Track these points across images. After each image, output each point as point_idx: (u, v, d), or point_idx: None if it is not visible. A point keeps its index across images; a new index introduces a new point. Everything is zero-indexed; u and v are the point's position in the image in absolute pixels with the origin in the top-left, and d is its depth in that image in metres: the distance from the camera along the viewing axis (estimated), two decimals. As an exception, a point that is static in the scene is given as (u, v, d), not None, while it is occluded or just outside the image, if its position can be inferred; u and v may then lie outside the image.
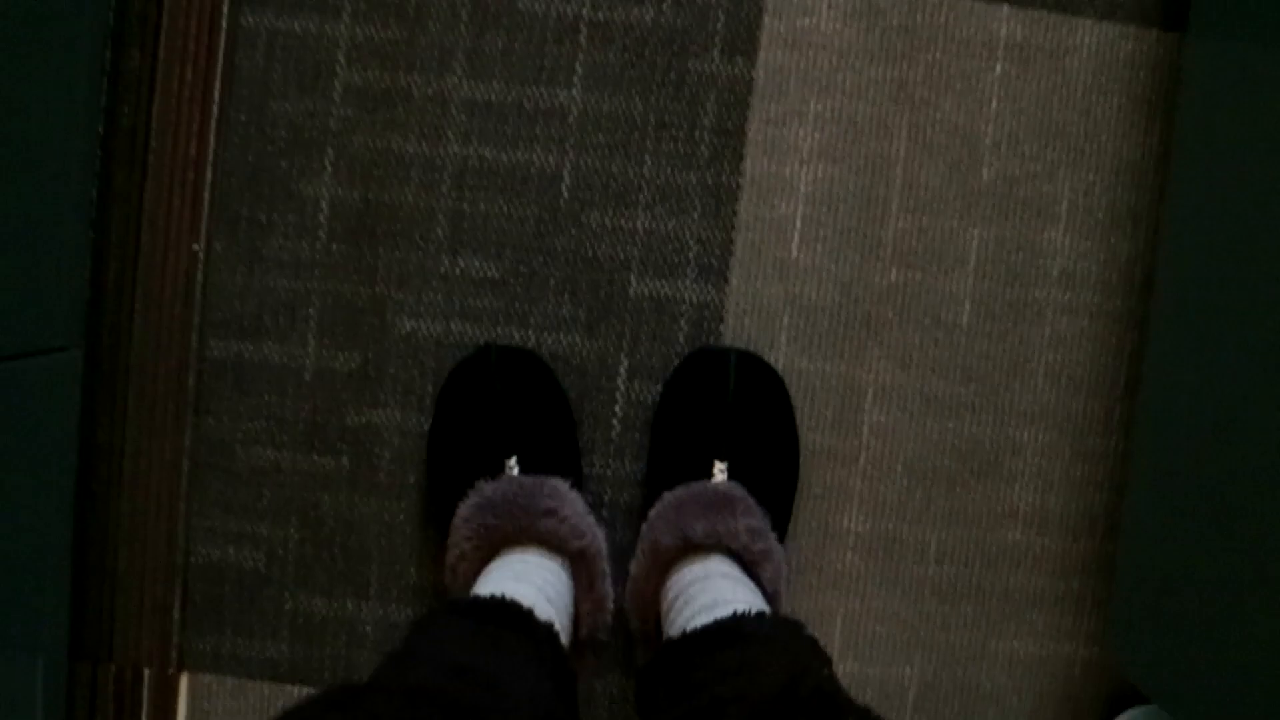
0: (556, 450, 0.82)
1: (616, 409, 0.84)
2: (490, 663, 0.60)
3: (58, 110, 0.74)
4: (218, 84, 0.83)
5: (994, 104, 0.83)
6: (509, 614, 0.66)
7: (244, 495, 0.85)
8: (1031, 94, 0.84)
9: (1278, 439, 0.63)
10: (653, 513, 0.78)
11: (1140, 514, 0.80)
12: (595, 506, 0.83)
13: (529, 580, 0.73)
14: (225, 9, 0.83)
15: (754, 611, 0.67)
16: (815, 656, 0.65)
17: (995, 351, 0.85)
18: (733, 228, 0.83)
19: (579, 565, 0.77)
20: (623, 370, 0.84)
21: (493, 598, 0.67)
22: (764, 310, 0.84)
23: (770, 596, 0.76)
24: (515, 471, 0.79)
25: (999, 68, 0.83)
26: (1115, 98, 0.84)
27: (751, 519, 0.77)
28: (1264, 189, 0.67)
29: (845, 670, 0.86)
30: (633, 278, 0.84)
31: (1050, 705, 0.88)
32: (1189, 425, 0.74)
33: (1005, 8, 0.83)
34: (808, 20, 0.83)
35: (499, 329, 0.84)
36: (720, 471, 0.79)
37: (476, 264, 0.83)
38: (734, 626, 0.66)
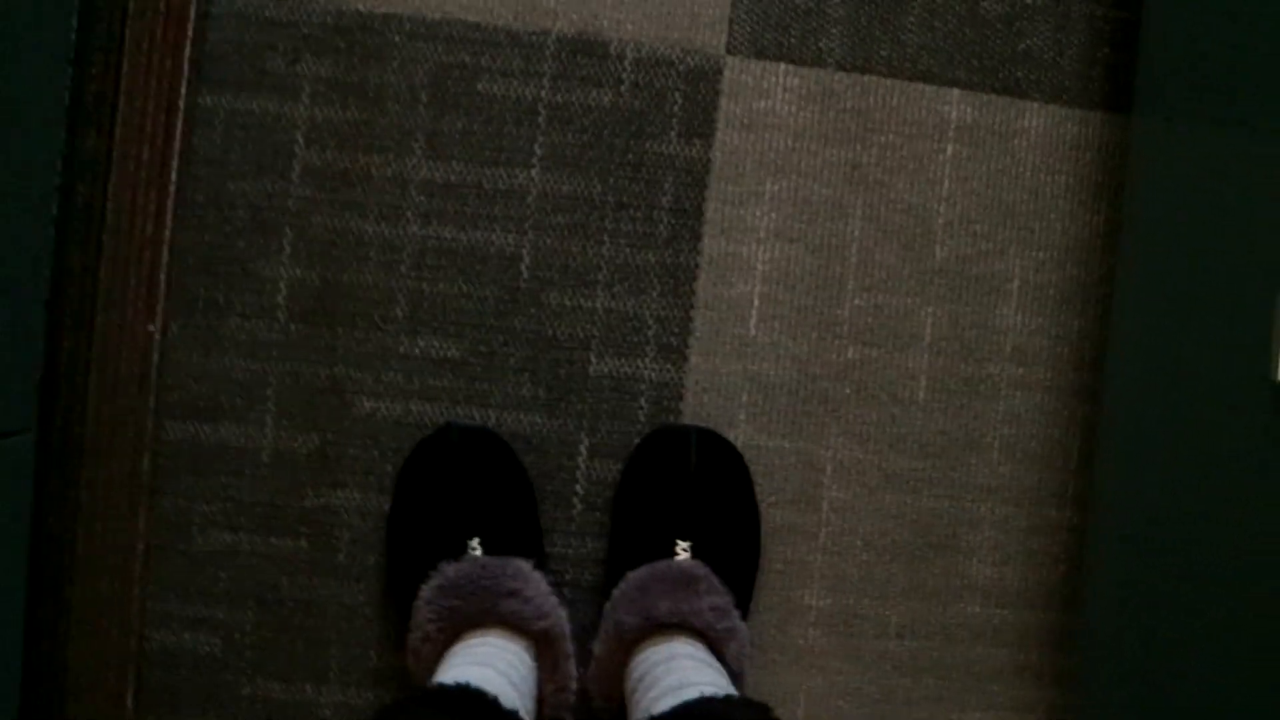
0: (518, 530, 0.81)
1: (578, 488, 0.84)
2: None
3: (12, 190, 0.74)
4: (175, 164, 0.83)
5: (946, 184, 0.85)
6: (474, 704, 0.65)
7: (201, 579, 0.84)
8: (982, 175, 0.85)
9: (1231, 508, 0.65)
10: (616, 592, 0.78)
11: (1098, 585, 0.81)
12: (557, 586, 0.83)
13: (493, 665, 0.72)
14: (183, 89, 0.83)
15: (721, 694, 0.67)
16: (782, 741, 0.65)
17: (951, 427, 0.86)
18: (691, 307, 0.84)
19: (543, 646, 0.76)
20: (583, 449, 0.84)
21: (458, 686, 0.66)
22: (723, 388, 0.85)
23: (735, 676, 0.77)
24: (478, 552, 0.78)
25: (950, 149, 0.85)
26: (1063, 177, 0.86)
27: (715, 597, 0.77)
28: (1208, 263, 0.69)
29: (808, 747, 0.86)
30: (592, 357, 0.84)
31: (1012, 776, 0.88)
32: (1142, 497, 0.75)
33: (955, 91, 0.85)
34: (763, 103, 0.84)
35: (459, 409, 0.84)
36: (683, 550, 0.80)
37: (436, 344, 0.83)
38: (703, 710, 0.66)
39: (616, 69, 0.83)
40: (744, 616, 0.81)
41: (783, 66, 0.84)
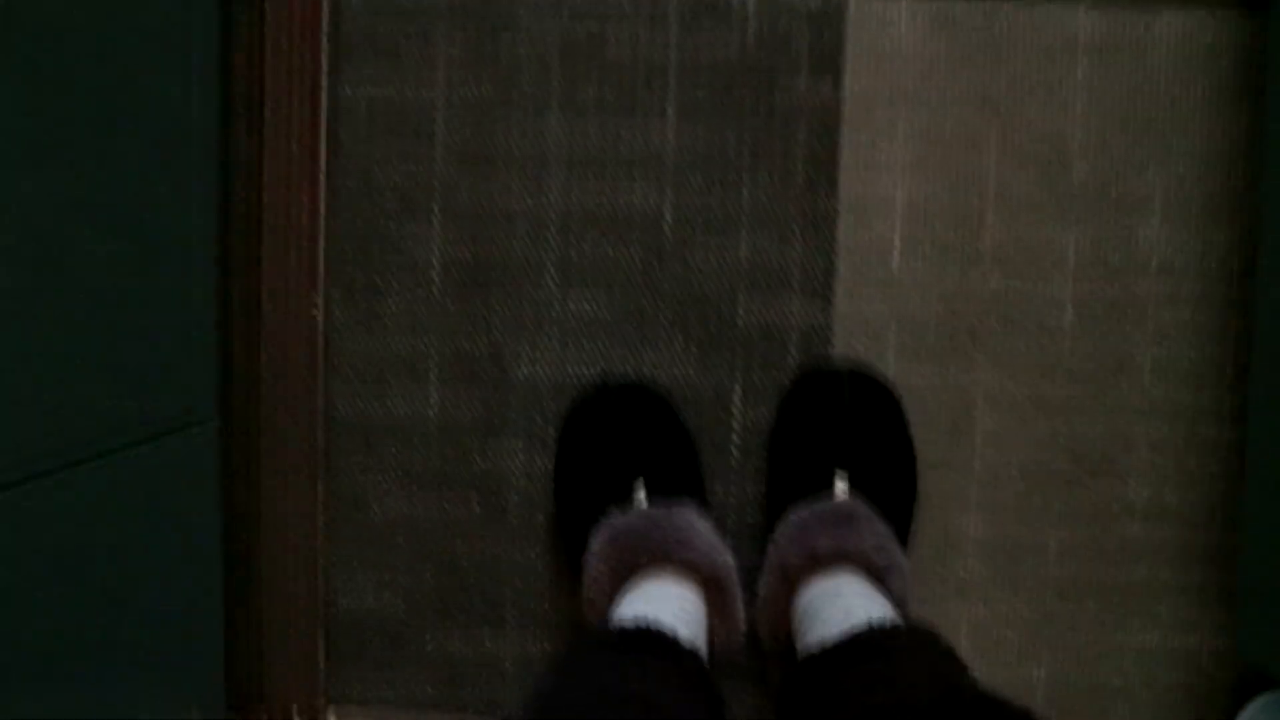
0: (681, 474, 0.84)
1: (734, 435, 0.86)
2: (644, 690, 0.62)
3: (176, 195, 0.78)
4: (323, 155, 0.87)
5: (1079, 105, 0.84)
6: (654, 641, 0.68)
7: (380, 545, 0.89)
8: (1115, 91, 0.84)
9: None
10: (778, 532, 0.80)
11: (1260, 501, 0.80)
12: (720, 530, 0.85)
13: (666, 607, 0.75)
14: (324, 83, 0.86)
15: (889, 622, 0.69)
16: (953, 664, 0.66)
17: (1100, 350, 0.86)
18: (833, 250, 0.85)
19: (711, 589, 0.79)
20: (737, 397, 0.86)
21: (637, 626, 0.69)
22: (870, 328, 0.86)
23: (898, 605, 0.78)
24: (643, 497, 0.81)
25: (1081, 68, 0.84)
26: (1200, 86, 0.84)
27: (875, 533, 0.78)
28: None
29: (975, 674, 0.88)
30: (739, 307, 0.86)
31: (1179, 696, 0.89)
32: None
33: (1081, 8, 0.84)
34: (889, 38, 0.84)
35: (613, 368, 0.86)
36: (841, 484, 0.81)
37: (587, 307, 0.86)
38: (871, 638, 0.67)
39: (740, 20, 0.84)
40: (904, 549, 0.82)
41: None
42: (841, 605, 0.74)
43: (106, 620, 0.70)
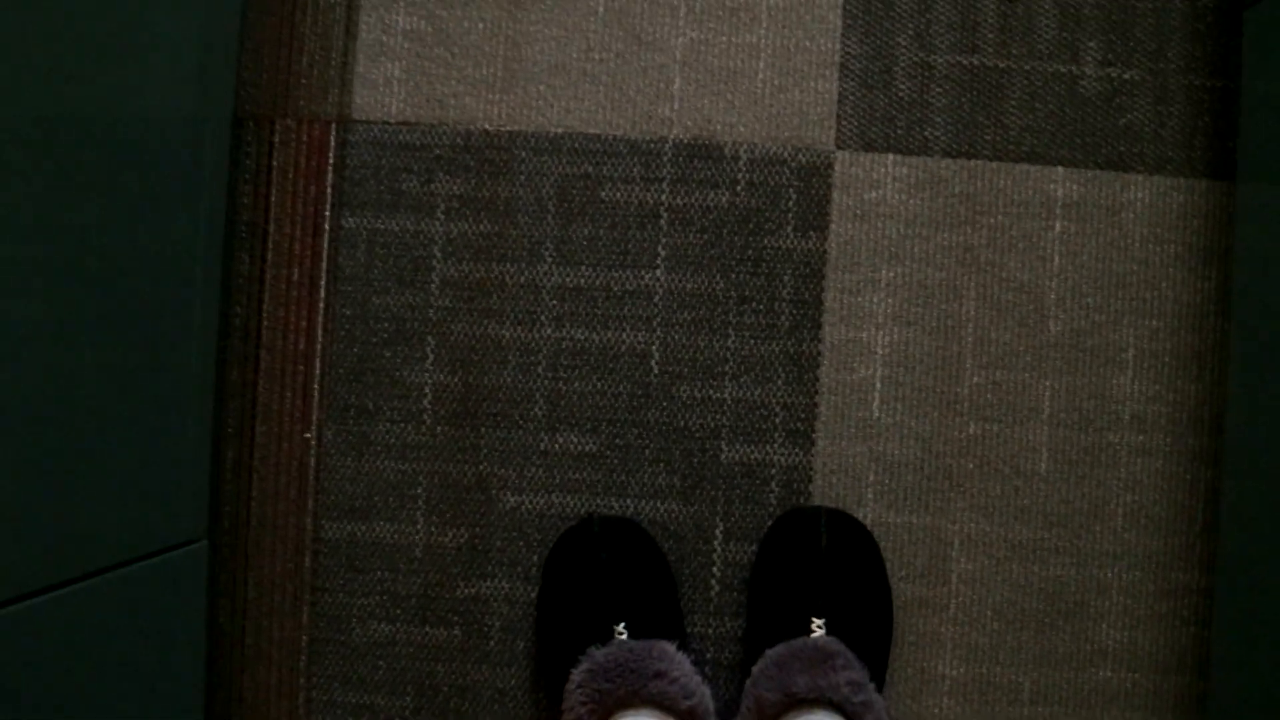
0: (661, 613, 0.85)
1: (714, 570, 0.88)
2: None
3: (177, 315, 0.80)
4: (323, 282, 0.89)
5: (1056, 260, 0.88)
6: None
7: (361, 668, 0.89)
8: (1091, 249, 0.88)
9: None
10: (756, 669, 0.81)
11: (1228, 647, 0.82)
12: (699, 665, 0.87)
13: (644, 746, 0.76)
14: (327, 213, 0.89)
15: (863, 766, 0.70)
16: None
17: (1074, 496, 0.88)
18: (816, 392, 0.88)
19: (689, 726, 0.80)
20: (719, 533, 0.88)
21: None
22: (850, 469, 0.88)
23: (873, 748, 0.79)
24: (624, 636, 0.82)
25: (1058, 226, 0.88)
26: (1172, 246, 0.88)
27: (851, 672, 0.79)
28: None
29: (949, 813, 0.88)
30: (723, 445, 0.88)
31: (1152, 835, 0.89)
32: (1271, 557, 0.76)
33: (1060, 170, 0.88)
34: (874, 193, 0.88)
35: (599, 500, 0.88)
36: (818, 627, 0.82)
37: (574, 439, 0.88)
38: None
39: (732, 170, 0.88)
40: (879, 689, 0.83)
41: (891, 157, 0.88)
42: (817, 745, 0.75)
43: (85, 743, 0.71)
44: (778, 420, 0.88)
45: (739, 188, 0.88)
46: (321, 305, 0.89)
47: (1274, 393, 0.77)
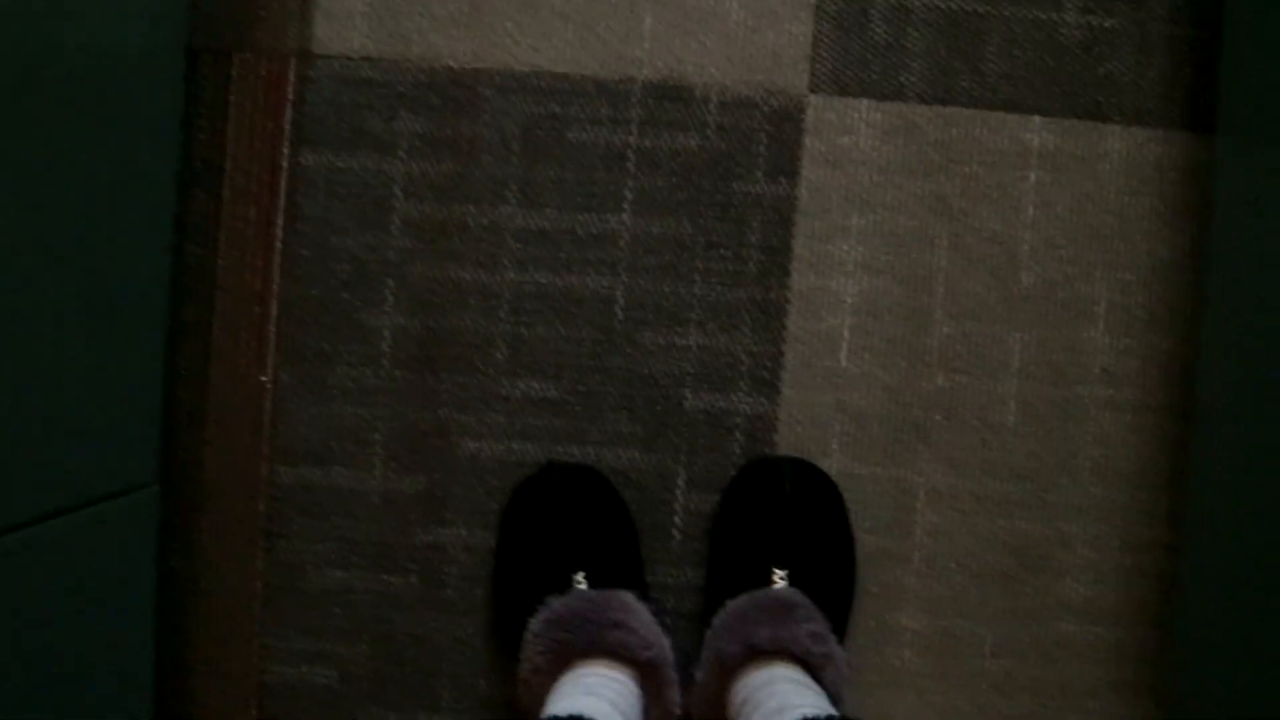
0: (621, 563, 0.84)
1: (676, 519, 0.87)
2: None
3: (129, 253, 0.78)
4: (280, 222, 0.87)
5: (1030, 211, 0.86)
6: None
7: (317, 615, 0.88)
8: (1066, 200, 0.86)
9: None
10: (716, 621, 0.81)
11: (1192, 602, 0.82)
12: (660, 616, 0.86)
13: (602, 694, 0.75)
14: (285, 150, 0.86)
15: (824, 715, 0.69)
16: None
17: (1041, 450, 0.87)
18: (782, 341, 0.86)
19: (647, 675, 0.79)
20: (680, 482, 0.87)
21: (571, 717, 0.69)
22: (816, 419, 0.87)
23: (834, 699, 0.78)
24: (583, 586, 0.81)
25: (1033, 176, 0.86)
26: (1148, 199, 0.87)
27: (813, 624, 0.79)
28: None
29: (908, 766, 0.88)
30: (687, 393, 0.86)
31: (1110, 790, 0.90)
32: (1235, 513, 0.76)
33: (1037, 118, 0.86)
34: (847, 139, 0.86)
35: (559, 447, 0.87)
36: (780, 578, 0.82)
37: (536, 385, 0.86)
38: (804, 732, 0.68)
39: (702, 112, 0.86)
40: (841, 641, 0.83)
41: (865, 102, 0.86)
42: (777, 696, 0.74)
43: (34, 687, 0.69)
44: (743, 368, 0.86)
45: (709, 131, 0.86)
46: (279, 245, 0.87)
47: (1245, 349, 0.76)
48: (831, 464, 0.87)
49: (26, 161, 0.64)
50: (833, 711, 0.72)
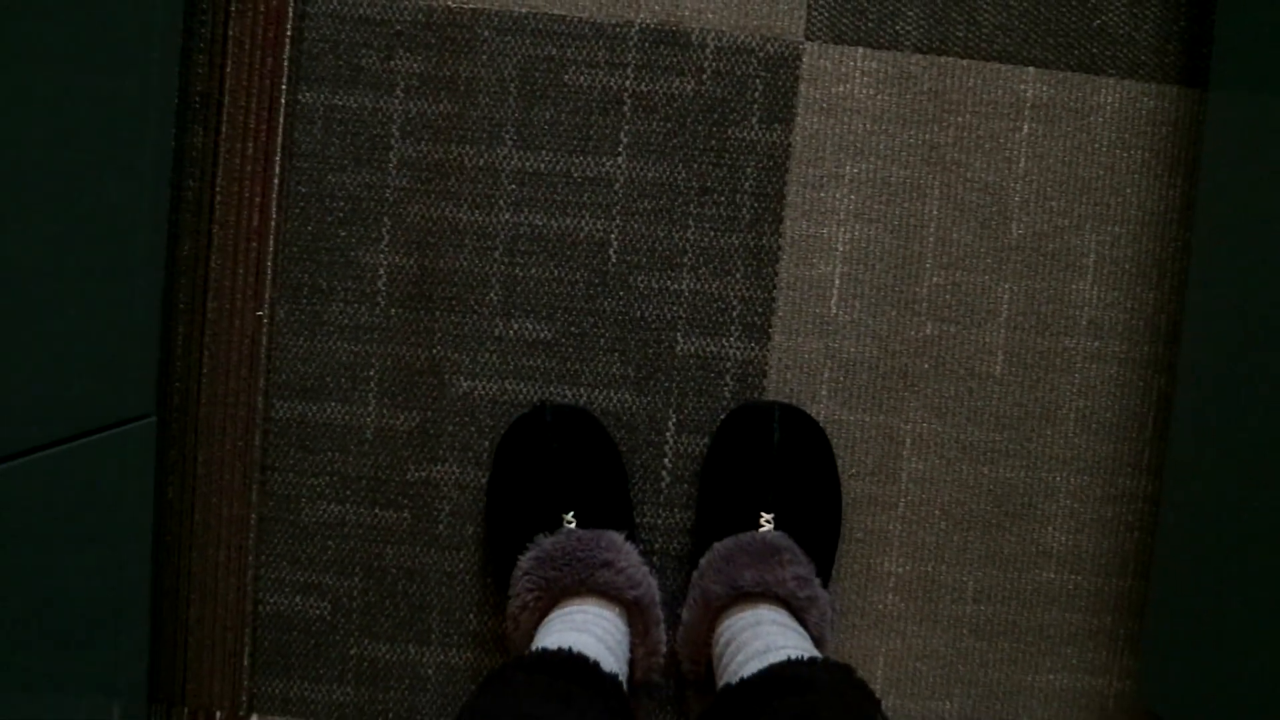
0: (610, 504, 0.85)
1: (666, 462, 0.88)
2: (562, 716, 0.63)
3: (127, 187, 0.78)
4: (278, 158, 0.87)
5: (1022, 163, 0.87)
6: (577, 667, 0.70)
7: (309, 548, 0.89)
8: (1058, 152, 0.87)
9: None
10: (703, 562, 0.82)
11: (1171, 553, 0.83)
12: (647, 556, 0.87)
13: (590, 631, 0.76)
14: (284, 87, 0.87)
15: (806, 656, 0.71)
16: (867, 700, 0.68)
17: (1027, 400, 0.88)
18: (774, 287, 0.87)
19: (634, 613, 0.80)
20: (671, 425, 0.88)
21: (560, 651, 0.70)
22: (805, 365, 0.88)
23: (817, 640, 0.80)
24: (573, 525, 0.82)
25: (1026, 127, 0.87)
26: (1139, 152, 0.87)
27: (798, 567, 0.80)
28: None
29: (888, 706, 0.90)
30: (679, 337, 0.87)
31: (1085, 735, 0.92)
32: (1218, 466, 0.77)
33: (1030, 70, 0.86)
34: (842, 87, 0.86)
35: (552, 388, 0.88)
36: (767, 522, 0.83)
37: (529, 326, 0.87)
38: (788, 673, 0.69)
39: (698, 57, 0.86)
40: (825, 584, 0.84)
41: (860, 50, 0.86)
42: (761, 638, 0.75)
43: (32, 611, 0.70)
44: (735, 314, 0.87)
45: (705, 76, 0.86)
46: (276, 181, 0.87)
47: (1230, 303, 0.77)
48: (820, 410, 0.88)
49: (22, 89, 0.64)
50: (815, 653, 0.73)
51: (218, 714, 0.91)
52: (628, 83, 0.86)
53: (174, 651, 0.90)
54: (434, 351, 0.88)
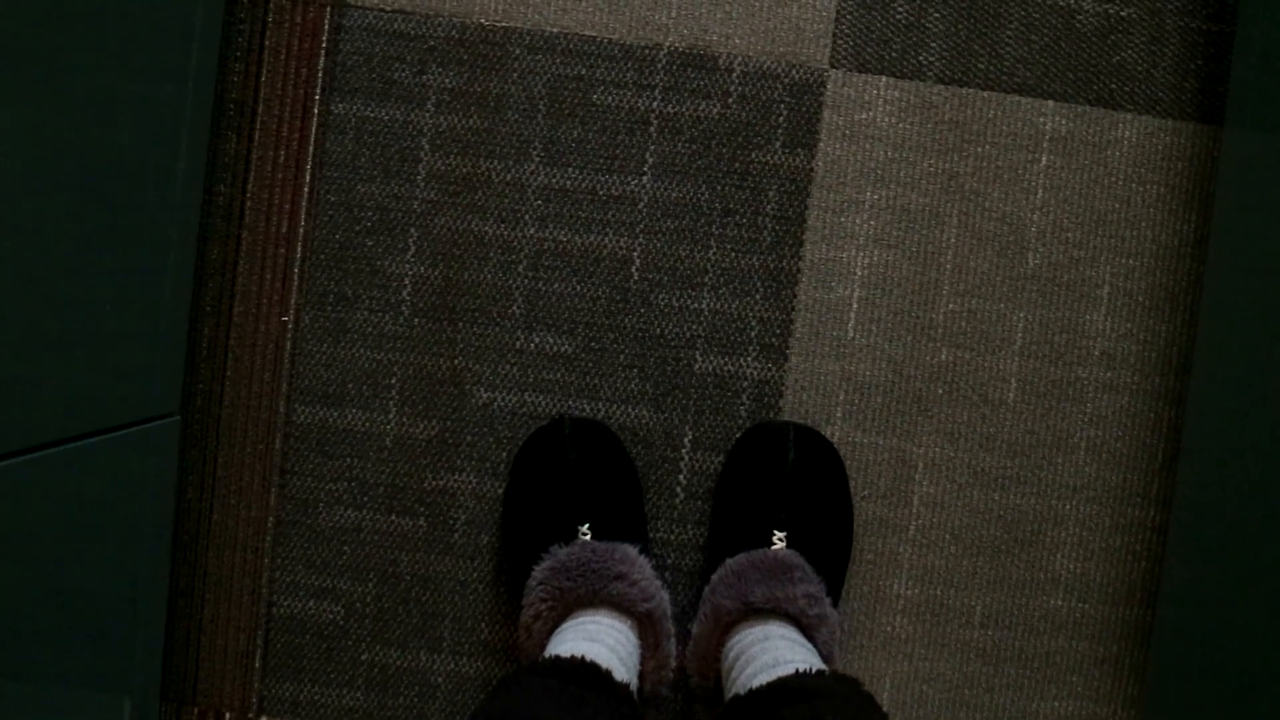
0: (626, 517, 0.86)
1: (681, 478, 0.89)
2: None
3: (160, 191, 0.80)
4: (309, 167, 0.89)
5: (1039, 194, 0.88)
6: (590, 675, 0.71)
7: (325, 552, 0.90)
8: (1075, 184, 0.88)
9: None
10: (715, 577, 0.83)
11: (1177, 583, 0.84)
12: (660, 570, 0.88)
13: (602, 641, 0.77)
14: (317, 97, 0.88)
15: (814, 669, 0.71)
16: (874, 711, 0.69)
17: (1039, 427, 0.89)
18: (792, 309, 0.88)
19: (646, 626, 0.81)
20: (687, 442, 0.89)
21: (573, 659, 0.71)
22: (821, 387, 0.89)
23: (825, 658, 0.81)
24: (588, 537, 0.83)
25: (1044, 159, 0.88)
26: (1155, 187, 0.89)
27: (809, 585, 0.81)
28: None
29: (893, 728, 0.91)
30: (698, 355, 0.89)
31: (1088, 763, 0.92)
32: (1227, 498, 0.78)
33: (1050, 103, 0.88)
34: (864, 115, 0.88)
35: (571, 401, 0.89)
36: (779, 540, 0.84)
37: (550, 340, 0.89)
38: (797, 684, 0.70)
39: (725, 81, 0.88)
40: (835, 604, 0.85)
41: (884, 79, 0.88)
42: (770, 651, 0.76)
43: (50, 605, 0.71)
44: (753, 334, 0.89)
45: (730, 100, 0.88)
46: (306, 190, 0.89)
47: (1242, 337, 0.78)
48: (834, 431, 0.89)
49: (64, 93, 0.66)
50: (824, 667, 0.74)
51: (227, 715, 0.91)
52: (655, 104, 0.88)
53: (186, 651, 0.91)
54: (455, 362, 0.89)
